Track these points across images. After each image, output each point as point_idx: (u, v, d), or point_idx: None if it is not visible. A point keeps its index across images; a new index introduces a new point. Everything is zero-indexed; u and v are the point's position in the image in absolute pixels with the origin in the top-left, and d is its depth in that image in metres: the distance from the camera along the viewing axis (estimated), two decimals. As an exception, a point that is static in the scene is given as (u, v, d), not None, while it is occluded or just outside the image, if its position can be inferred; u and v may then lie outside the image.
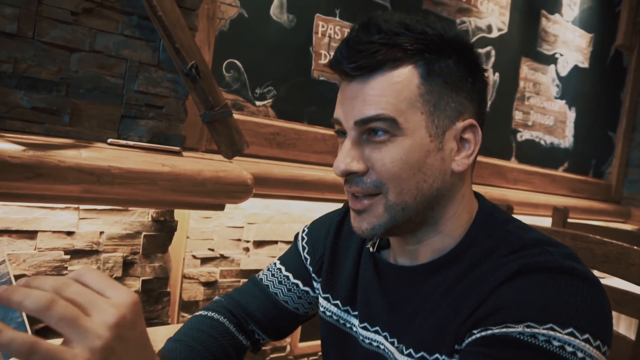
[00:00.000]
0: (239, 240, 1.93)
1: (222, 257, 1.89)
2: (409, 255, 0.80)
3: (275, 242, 2.03)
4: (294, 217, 2.07)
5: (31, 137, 1.20)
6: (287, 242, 2.04)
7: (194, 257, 1.82)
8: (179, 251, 1.78)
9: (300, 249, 1.00)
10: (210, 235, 1.85)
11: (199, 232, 1.82)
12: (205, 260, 1.85)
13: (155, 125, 1.42)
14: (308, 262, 0.98)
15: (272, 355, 2.04)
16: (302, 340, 2.12)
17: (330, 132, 2.06)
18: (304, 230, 1.03)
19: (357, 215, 0.76)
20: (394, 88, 0.71)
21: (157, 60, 1.41)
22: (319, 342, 1.29)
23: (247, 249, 1.95)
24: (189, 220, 1.78)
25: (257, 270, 1.07)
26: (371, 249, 0.87)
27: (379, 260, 0.85)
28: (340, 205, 1.01)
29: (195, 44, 1.42)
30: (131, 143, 1.35)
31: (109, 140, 1.33)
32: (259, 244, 1.98)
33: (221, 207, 1.54)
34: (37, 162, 1.11)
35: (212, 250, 1.86)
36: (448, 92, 0.73)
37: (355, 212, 0.77)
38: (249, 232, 1.95)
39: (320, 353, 1.50)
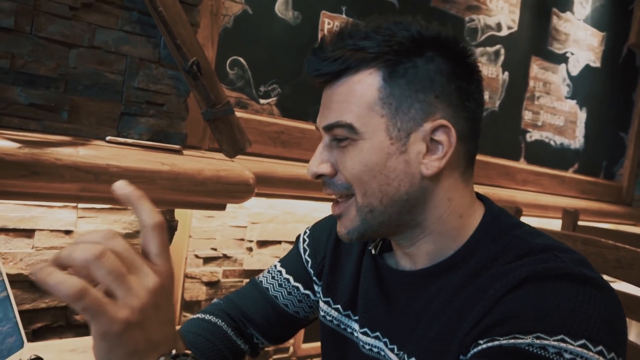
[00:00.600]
0: (242, 239, 1.91)
1: (225, 256, 1.87)
2: (408, 258, 0.78)
3: (279, 242, 2.01)
4: (298, 217, 2.04)
5: (28, 134, 1.18)
6: (290, 243, 2.02)
7: (197, 256, 1.80)
8: (181, 250, 1.76)
9: (302, 251, 0.98)
10: (213, 234, 1.82)
11: (201, 231, 1.80)
12: (207, 260, 1.83)
13: (155, 123, 1.40)
14: (309, 265, 0.96)
15: (275, 356, 2.02)
16: (305, 341, 2.10)
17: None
18: (305, 232, 1.01)
19: (338, 220, 0.78)
20: (354, 93, 0.71)
21: (157, 56, 1.39)
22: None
23: (250, 249, 1.93)
24: (191, 219, 1.76)
25: (261, 271, 1.06)
26: (373, 251, 0.85)
27: (381, 264, 0.83)
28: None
29: (196, 40, 1.39)
30: (130, 141, 1.33)
31: (108, 138, 1.31)
32: (262, 243, 1.96)
33: (222, 207, 1.52)
34: (32, 160, 1.09)
35: (215, 249, 1.84)
36: (412, 92, 0.70)
37: (336, 217, 0.78)
38: (253, 232, 1.92)
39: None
